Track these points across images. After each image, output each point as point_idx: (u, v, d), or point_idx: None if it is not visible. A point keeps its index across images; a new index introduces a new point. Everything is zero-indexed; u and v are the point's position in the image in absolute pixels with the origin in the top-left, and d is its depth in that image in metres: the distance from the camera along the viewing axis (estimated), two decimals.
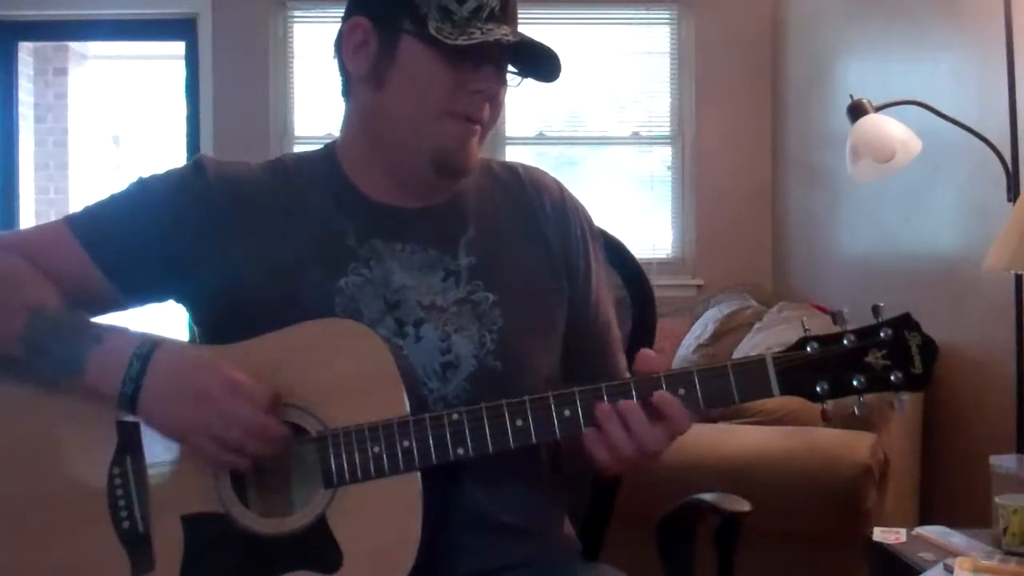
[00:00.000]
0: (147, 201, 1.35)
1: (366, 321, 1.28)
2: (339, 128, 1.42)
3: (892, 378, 1.20)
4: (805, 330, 1.22)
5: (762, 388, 1.21)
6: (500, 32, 1.27)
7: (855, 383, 1.20)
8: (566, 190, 1.47)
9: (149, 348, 1.23)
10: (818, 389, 1.20)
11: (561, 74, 1.32)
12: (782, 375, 1.20)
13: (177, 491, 1.24)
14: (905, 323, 1.21)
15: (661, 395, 1.20)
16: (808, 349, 1.21)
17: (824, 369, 1.20)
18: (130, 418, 1.25)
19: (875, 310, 1.21)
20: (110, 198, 1.37)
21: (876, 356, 1.20)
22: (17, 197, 5.50)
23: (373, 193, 1.37)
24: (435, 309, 1.32)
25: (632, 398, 1.21)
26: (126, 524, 1.24)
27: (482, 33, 1.26)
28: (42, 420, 1.28)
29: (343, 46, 1.35)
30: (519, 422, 1.20)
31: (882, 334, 1.20)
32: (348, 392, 1.23)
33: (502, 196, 1.42)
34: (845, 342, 1.21)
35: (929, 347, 1.20)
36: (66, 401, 1.26)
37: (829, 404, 1.22)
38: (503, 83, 1.33)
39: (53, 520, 1.26)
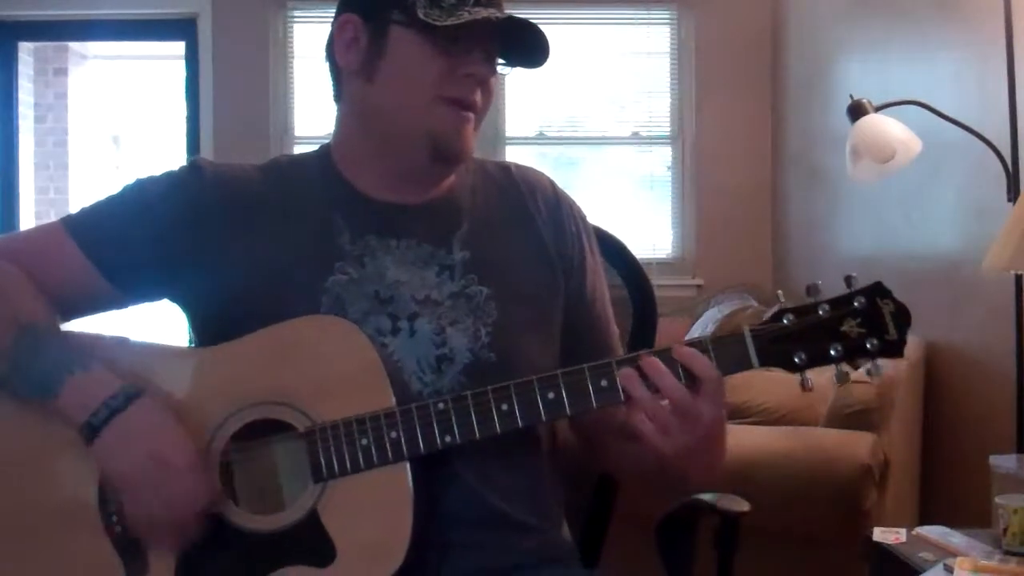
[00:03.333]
0: (143, 202, 1.35)
1: (351, 319, 1.29)
2: (332, 132, 1.43)
3: (868, 345, 1.21)
4: (780, 303, 1.24)
5: (742, 361, 1.22)
6: (488, 12, 1.29)
7: (832, 352, 1.22)
8: (558, 187, 1.48)
9: (136, 391, 1.23)
10: (796, 359, 1.22)
11: (549, 57, 1.33)
12: (761, 347, 1.21)
13: None
14: (878, 291, 1.23)
15: (652, 361, 1.20)
16: (785, 321, 1.22)
17: (801, 339, 1.22)
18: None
19: (847, 280, 1.23)
20: (107, 199, 1.38)
21: (851, 325, 1.22)
22: (17, 197, 5.51)
23: (368, 190, 1.38)
24: (429, 303, 1.32)
25: (615, 377, 1.21)
26: (118, 529, 1.24)
27: (470, 15, 1.28)
28: (32, 428, 1.27)
29: (335, 44, 1.37)
30: (504, 407, 1.21)
31: (856, 303, 1.22)
32: (334, 388, 1.24)
33: (495, 194, 1.43)
34: (820, 312, 1.22)
35: (902, 313, 1.23)
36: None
37: (809, 375, 1.23)
38: (493, 68, 1.34)
39: (45, 529, 1.25)
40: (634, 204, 5.17)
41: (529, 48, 1.34)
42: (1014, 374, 2.56)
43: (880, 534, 2.09)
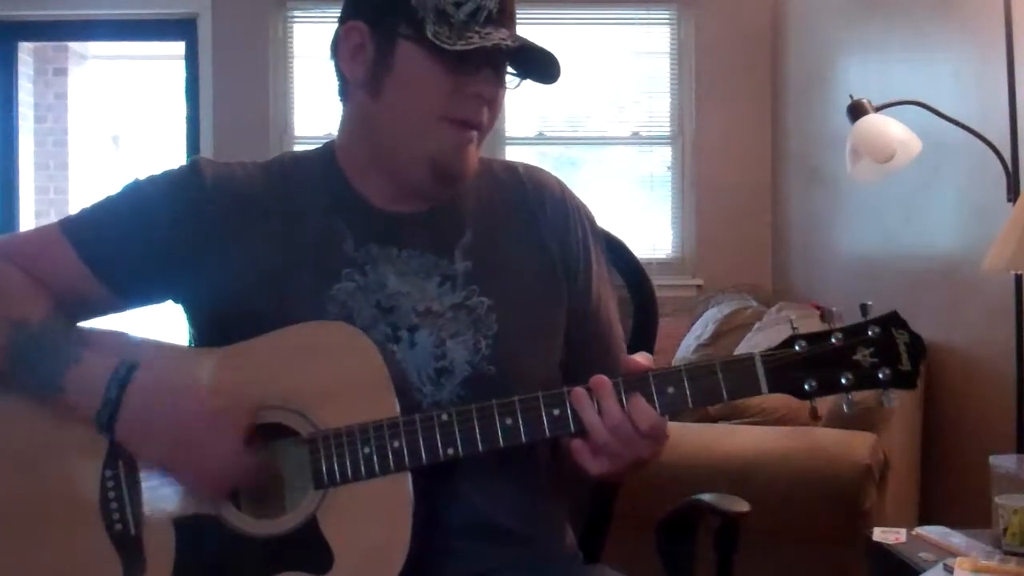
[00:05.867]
0: (142, 204, 1.33)
1: (359, 328, 1.28)
2: (337, 129, 1.41)
3: (880, 375, 1.20)
4: (793, 328, 1.22)
5: (751, 386, 1.21)
6: (499, 36, 1.25)
7: (843, 381, 1.21)
8: (567, 189, 1.45)
9: (126, 372, 1.22)
10: (806, 387, 1.21)
11: (561, 75, 1.30)
12: (770, 373, 1.20)
13: (169, 493, 1.24)
14: (893, 321, 1.21)
15: (636, 400, 1.20)
16: (796, 347, 1.21)
17: (812, 367, 1.20)
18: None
19: (863, 308, 1.21)
20: (105, 201, 1.36)
21: (864, 354, 1.20)
22: (17, 197, 5.50)
23: (372, 197, 1.36)
24: (430, 315, 1.31)
25: (620, 395, 1.20)
26: (118, 527, 1.24)
27: (480, 37, 1.24)
28: (34, 424, 1.27)
29: (339, 50, 1.33)
30: (508, 421, 1.21)
31: (870, 332, 1.21)
32: (339, 394, 1.23)
33: (501, 198, 1.41)
34: (833, 340, 1.21)
35: (917, 344, 1.21)
36: (58, 406, 1.25)
37: (817, 402, 1.22)
38: (501, 86, 1.31)
39: (45, 524, 1.26)
40: (634, 204, 5.16)
41: (540, 66, 1.30)
42: (1014, 374, 2.56)
43: (880, 534, 2.09)
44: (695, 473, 2.56)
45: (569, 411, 1.21)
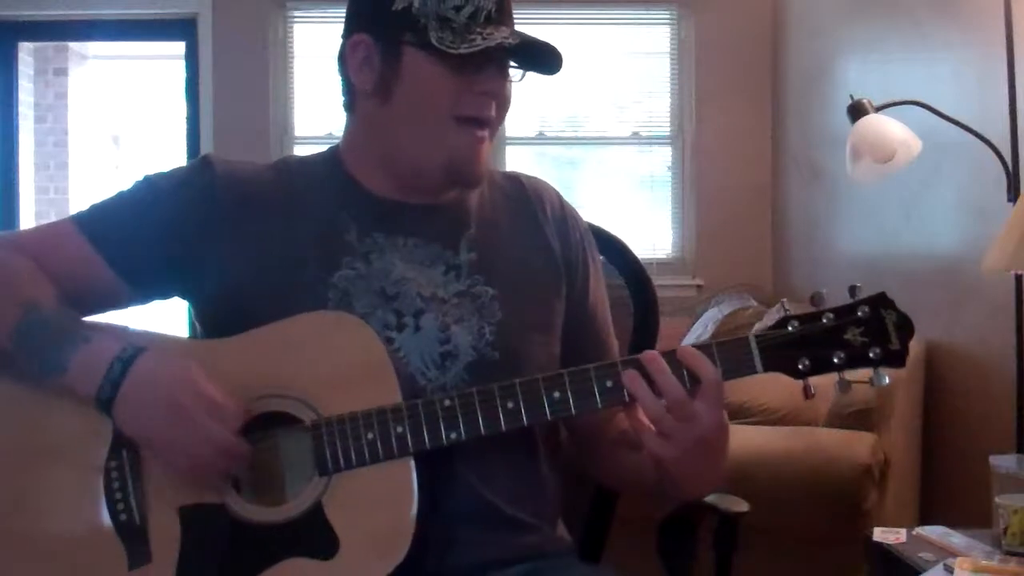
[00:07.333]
0: (154, 199, 1.36)
1: (357, 314, 1.30)
2: (341, 138, 1.44)
3: (871, 354, 1.23)
4: (785, 311, 1.25)
5: (746, 365, 1.23)
6: (500, 35, 1.29)
7: (835, 360, 1.23)
8: (565, 200, 1.50)
9: (132, 352, 1.24)
10: (800, 366, 1.23)
11: (563, 66, 1.34)
12: (765, 352, 1.23)
13: (173, 482, 1.25)
14: (881, 301, 1.25)
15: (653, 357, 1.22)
16: (789, 328, 1.23)
17: (805, 346, 1.23)
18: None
19: (851, 290, 1.24)
20: (117, 196, 1.39)
21: (855, 333, 1.23)
22: (17, 197, 5.51)
23: (376, 189, 1.39)
24: (435, 300, 1.34)
25: (620, 378, 1.22)
26: (123, 517, 1.25)
27: (483, 38, 1.28)
28: (38, 414, 1.28)
29: (347, 63, 1.37)
30: (510, 405, 1.23)
31: (859, 312, 1.23)
32: (342, 382, 1.25)
33: (504, 201, 1.45)
34: (824, 320, 1.23)
35: (905, 324, 1.24)
36: (61, 395, 1.27)
37: (811, 381, 1.24)
38: (506, 80, 1.35)
39: (50, 514, 1.27)
40: (634, 204, 5.16)
41: (542, 59, 1.34)
42: (1014, 374, 2.56)
43: (880, 534, 2.09)
44: None
45: (569, 393, 1.23)
